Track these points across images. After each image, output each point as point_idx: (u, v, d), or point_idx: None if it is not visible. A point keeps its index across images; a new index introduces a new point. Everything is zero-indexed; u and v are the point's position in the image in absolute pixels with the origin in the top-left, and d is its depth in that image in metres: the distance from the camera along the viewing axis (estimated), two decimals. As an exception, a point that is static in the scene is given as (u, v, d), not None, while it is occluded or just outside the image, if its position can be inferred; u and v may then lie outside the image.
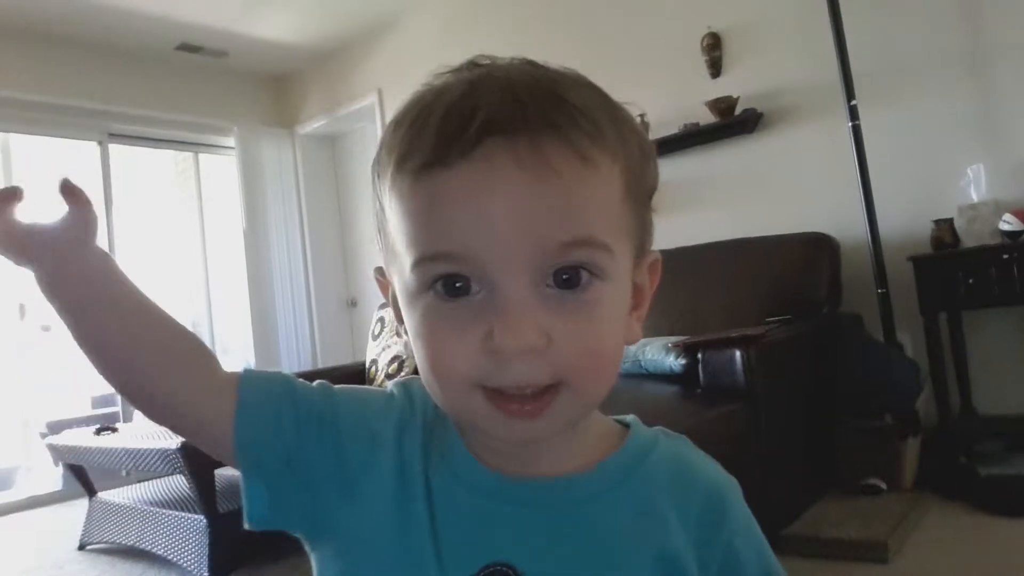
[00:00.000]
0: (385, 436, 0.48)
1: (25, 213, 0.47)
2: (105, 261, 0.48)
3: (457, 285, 0.42)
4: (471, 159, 0.40)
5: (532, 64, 0.45)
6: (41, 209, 0.48)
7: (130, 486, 3.14)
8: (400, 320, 0.48)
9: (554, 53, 0.46)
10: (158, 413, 0.48)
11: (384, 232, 0.47)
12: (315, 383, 0.50)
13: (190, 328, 0.49)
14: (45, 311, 0.49)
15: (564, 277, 0.42)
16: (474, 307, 0.42)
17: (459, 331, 0.42)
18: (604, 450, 0.50)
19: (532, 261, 0.41)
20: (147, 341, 0.47)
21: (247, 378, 0.48)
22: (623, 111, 0.46)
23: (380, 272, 0.51)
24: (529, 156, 0.39)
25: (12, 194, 0.46)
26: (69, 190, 0.47)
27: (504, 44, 0.48)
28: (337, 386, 0.51)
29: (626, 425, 0.53)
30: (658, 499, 0.49)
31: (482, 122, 0.39)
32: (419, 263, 0.42)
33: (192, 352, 0.49)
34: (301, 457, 0.47)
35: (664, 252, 0.48)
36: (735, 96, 3.10)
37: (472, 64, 0.45)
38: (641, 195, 0.47)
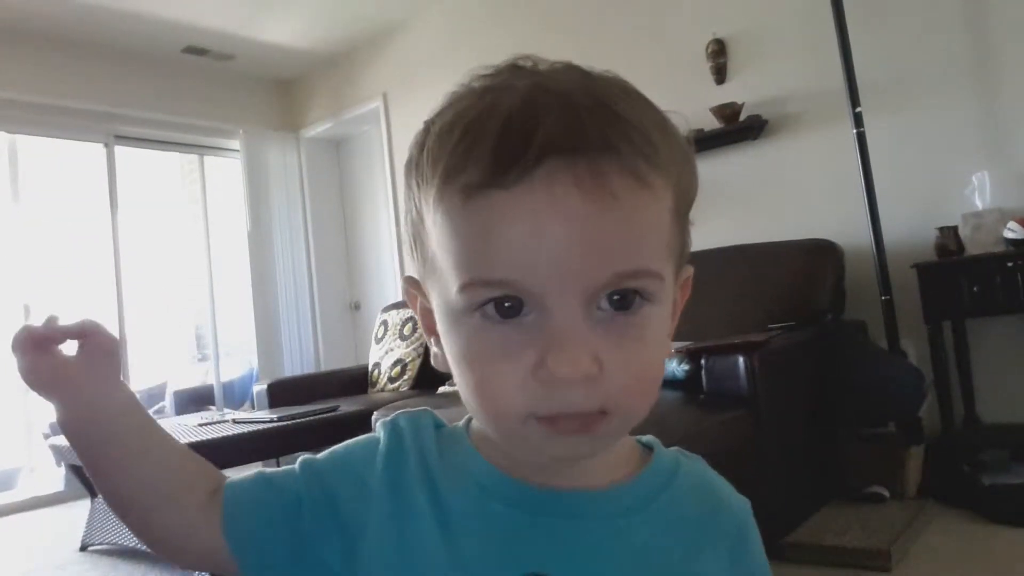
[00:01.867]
0: (373, 485, 0.47)
1: (50, 346, 0.47)
2: (126, 404, 0.49)
3: (507, 305, 0.40)
4: (530, 181, 0.38)
5: (581, 72, 0.43)
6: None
7: (132, 488, 3.14)
8: (431, 332, 0.47)
9: (559, 58, 0.45)
10: (161, 550, 0.49)
11: (421, 243, 0.45)
12: (297, 461, 0.50)
13: (194, 333, 0.49)
14: (47, 311, 0.49)
15: (616, 298, 0.41)
16: (524, 330, 0.40)
17: (509, 356, 0.40)
18: (629, 468, 0.50)
19: (588, 289, 0.39)
20: (150, 485, 0.48)
21: (228, 496, 0.48)
22: (671, 123, 0.44)
23: (412, 283, 0.49)
24: (590, 180, 0.38)
25: (40, 335, 0.46)
26: (91, 332, 0.47)
27: (509, 49, 0.45)
28: (320, 453, 0.50)
29: (647, 446, 0.53)
30: (688, 520, 0.49)
31: (543, 142, 0.38)
32: (469, 286, 0.40)
33: (189, 485, 0.49)
34: (303, 544, 0.46)
35: None
36: (740, 102, 3.10)
37: (515, 67, 0.43)
38: (687, 211, 0.46)
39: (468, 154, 0.39)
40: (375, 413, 2.64)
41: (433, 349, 0.47)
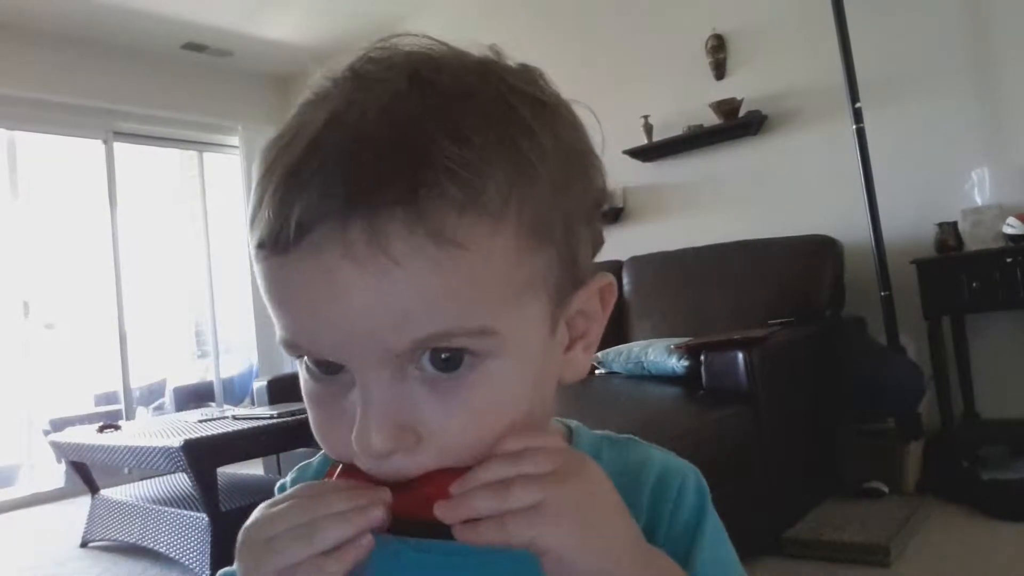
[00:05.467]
0: None
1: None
2: None
3: (329, 360, 0.38)
4: (300, 250, 0.34)
5: (419, 83, 0.36)
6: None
7: (132, 484, 3.15)
8: None
9: (558, 55, 0.45)
10: None
11: None
12: None
13: (194, 329, 0.48)
14: (48, 309, 0.48)
15: (443, 357, 0.36)
16: (344, 388, 0.38)
17: (333, 418, 0.39)
18: None
19: (387, 358, 0.36)
20: None
21: None
22: (535, 135, 0.37)
23: None
24: (365, 248, 0.33)
25: None
26: None
27: (508, 46, 0.43)
28: None
29: (571, 430, 0.49)
30: None
31: (307, 210, 0.34)
32: (279, 342, 0.39)
33: None
34: None
35: (667, 254, 0.46)
36: (739, 98, 3.10)
37: (353, 73, 0.38)
38: (564, 228, 0.39)
39: (256, 208, 0.37)
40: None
41: None
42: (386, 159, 0.34)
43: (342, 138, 0.35)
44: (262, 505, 0.39)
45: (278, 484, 0.50)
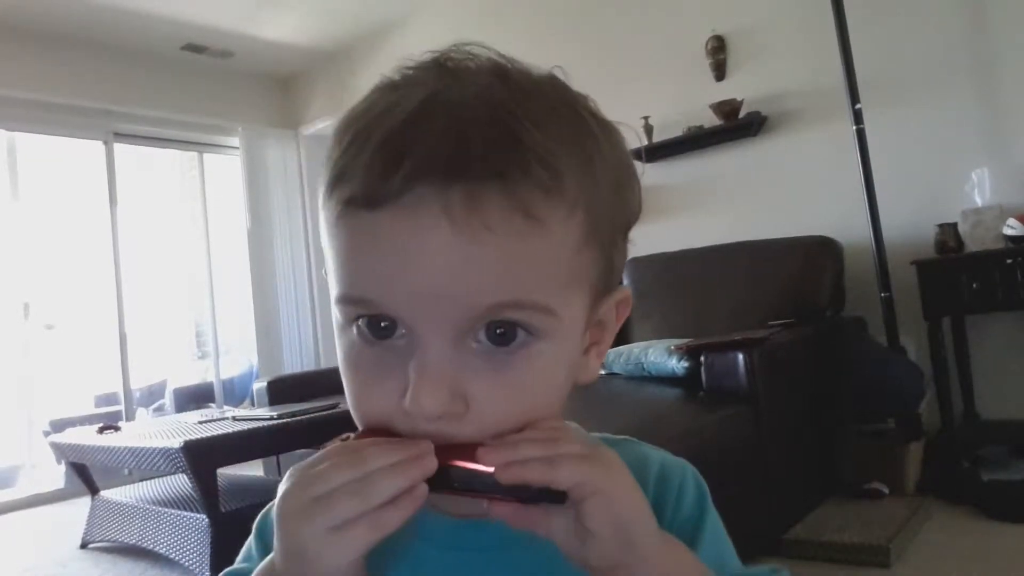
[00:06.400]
0: None
1: None
2: None
3: (382, 325, 0.39)
4: (398, 205, 0.36)
5: (502, 78, 0.39)
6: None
7: (132, 485, 3.15)
8: None
9: (559, 56, 0.45)
10: None
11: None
12: None
13: (194, 330, 0.48)
14: (49, 310, 0.48)
15: (498, 332, 0.38)
16: (396, 353, 0.39)
17: (379, 380, 0.39)
18: None
19: (457, 321, 0.37)
20: None
21: None
22: (598, 141, 0.41)
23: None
24: (462, 210, 0.35)
25: None
26: None
27: (509, 47, 0.44)
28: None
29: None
30: None
31: (412, 168, 0.35)
32: (341, 300, 0.40)
33: None
34: None
35: (668, 255, 0.47)
36: (739, 99, 3.10)
37: (436, 64, 0.40)
38: (610, 235, 0.42)
39: (347, 167, 0.38)
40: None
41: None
42: (486, 138, 0.36)
43: (443, 113, 0.37)
44: (295, 468, 0.39)
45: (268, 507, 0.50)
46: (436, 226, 0.36)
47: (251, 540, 0.51)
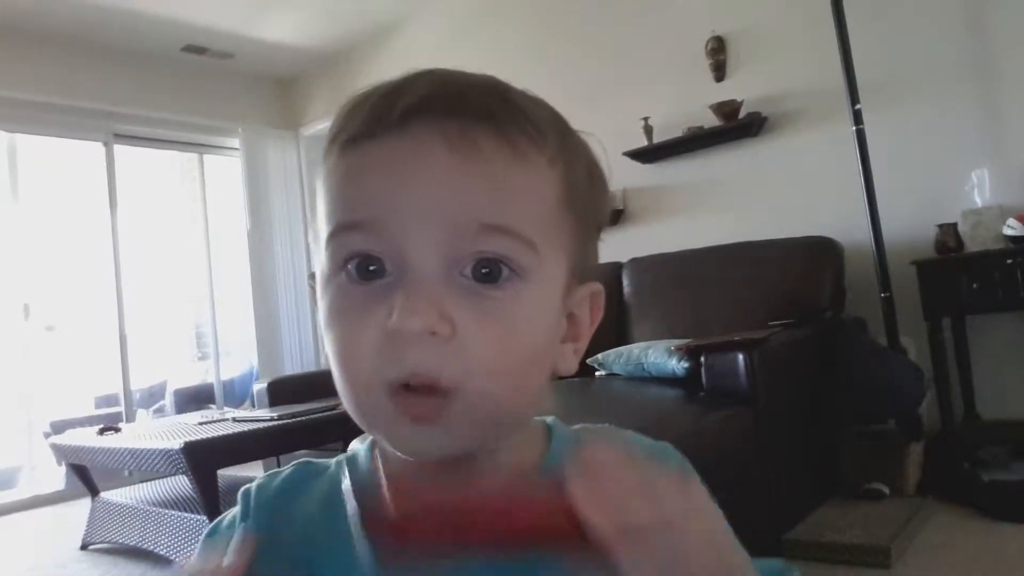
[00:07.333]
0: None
1: None
2: None
3: (371, 268, 0.40)
4: (399, 133, 0.40)
5: (494, 78, 0.43)
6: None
7: (133, 486, 3.15)
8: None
9: (558, 57, 0.45)
10: None
11: (315, 221, 0.44)
12: None
13: (194, 331, 0.48)
14: (49, 311, 0.48)
15: (483, 271, 0.40)
16: (383, 291, 0.40)
17: (364, 314, 0.40)
18: (535, 454, 0.47)
19: (448, 241, 0.39)
20: None
21: None
22: (576, 136, 0.45)
23: (312, 278, 0.47)
24: (459, 138, 0.39)
25: None
26: None
27: (509, 48, 0.46)
28: None
29: (549, 426, 0.50)
30: None
31: (413, 102, 0.40)
32: (334, 235, 0.41)
33: None
34: None
35: (668, 255, 0.47)
36: (739, 100, 3.10)
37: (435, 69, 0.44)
38: (583, 214, 0.44)
39: (351, 116, 0.42)
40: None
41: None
42: (479, 92, 0.41)
43: (440, 75, 0.42)
44: None
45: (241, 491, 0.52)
46: (432, 149, 0.39)
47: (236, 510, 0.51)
